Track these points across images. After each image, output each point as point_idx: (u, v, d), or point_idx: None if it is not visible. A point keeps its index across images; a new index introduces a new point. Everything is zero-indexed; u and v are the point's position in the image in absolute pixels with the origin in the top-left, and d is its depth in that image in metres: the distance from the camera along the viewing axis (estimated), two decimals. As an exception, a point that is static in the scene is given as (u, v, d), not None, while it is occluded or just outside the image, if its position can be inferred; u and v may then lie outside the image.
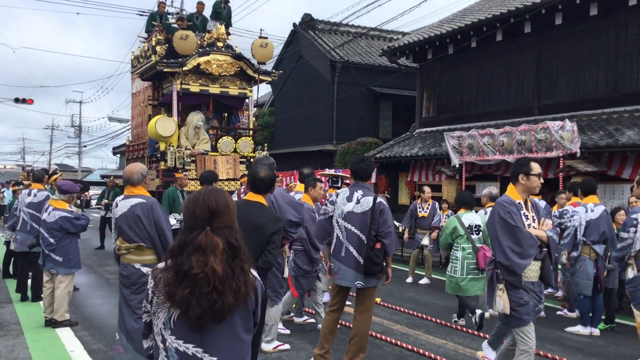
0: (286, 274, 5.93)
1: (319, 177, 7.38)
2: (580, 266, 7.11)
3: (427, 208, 11.20)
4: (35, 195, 8.15)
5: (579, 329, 7.22)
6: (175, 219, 9.70)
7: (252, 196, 4.60)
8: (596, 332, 7.16)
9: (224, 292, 1.97)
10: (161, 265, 2.11)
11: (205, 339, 2.04)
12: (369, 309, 5.33)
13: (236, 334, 2.07)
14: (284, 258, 5.81)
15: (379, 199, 5.27)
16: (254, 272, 2.14)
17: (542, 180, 4.57)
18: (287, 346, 6.06)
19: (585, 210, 7.13)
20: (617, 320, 7.64)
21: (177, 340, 2.05)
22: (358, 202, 5.24)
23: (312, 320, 7.10)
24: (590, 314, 7.21)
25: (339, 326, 5.66)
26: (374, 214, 5.16)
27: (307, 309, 7.39)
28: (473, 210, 7.36)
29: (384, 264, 5.26)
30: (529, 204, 4.52)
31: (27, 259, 8.22)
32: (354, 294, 5.66)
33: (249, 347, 2.14)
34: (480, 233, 7.08)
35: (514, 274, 4.29)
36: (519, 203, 4.42)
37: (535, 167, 4.48)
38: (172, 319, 2.05)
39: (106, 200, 14.54)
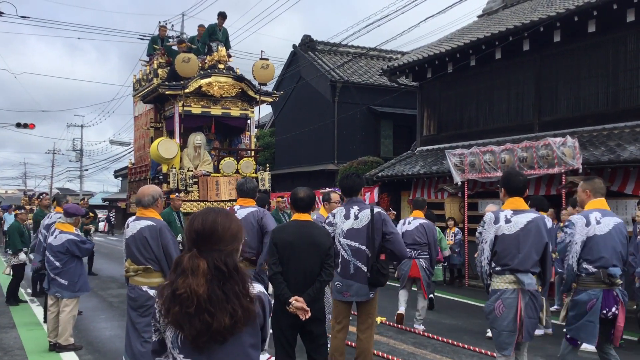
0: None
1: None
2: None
3: None
4: (51, 217, 8.22)
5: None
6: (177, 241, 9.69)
7: (299, 216, 4.75)
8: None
9: (215, 314, 1.96)
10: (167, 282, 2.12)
11: (212, 358, 2.04)
12: (371, 326, 5.36)
13: (244, 351, 2.06)
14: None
15: (377, 209, 5.30)
16: (257, 288, 2.12)
17: None
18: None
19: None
20: (625, 336, 7.57)
21: (185, 358, 2.05)
22: (356, 217, 5.26)
23: None
24: None
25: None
26: (374, 225, 5.18)
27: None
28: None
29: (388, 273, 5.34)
30: None
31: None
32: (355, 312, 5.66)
33: None
34: None
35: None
36: None
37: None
38: (179, 338, 2.05)
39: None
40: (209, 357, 2.04)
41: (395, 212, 15.46)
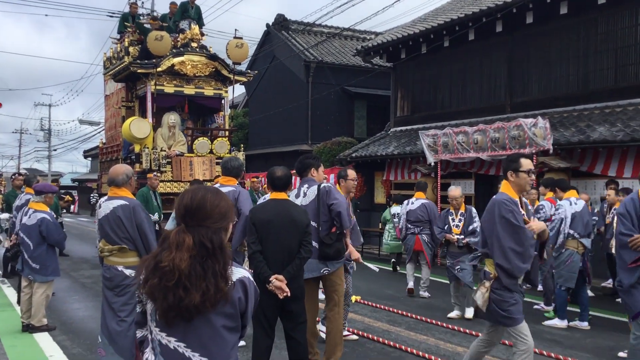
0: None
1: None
2: (567, 260, 7.20)
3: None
4: (21, 199, 8.12)
5: (556, 322, 7.35)
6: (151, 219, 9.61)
7: (276, 195, 4.77)
8: (585, 325, 7.24)
9: (190, 290, 1.97)
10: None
11: (187, 334, 2.05)
12: (338, 303, 5.31)
13: (218, 332, 2.06)
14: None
15: (323, 184, 5.31)
16: (242, 273, 2.12)
17: (533, 177, 4.33)
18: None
19: (569, 204, 7.29)
20: (592, 312, 7.79)
21: (161, 332, 2.07)
22: (305, 195, 5.29)
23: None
24: (580, 309, 7.37)
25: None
26: (320, 199, 5.19)
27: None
28: (399, 205, 10.91)
29: (340, 245, 5.27)
30: (522, 203, 4.34)
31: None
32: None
33: (234, 346, 2.12)
34: (397, 218, 10.89)
35: (513, 277, 4.12)
36: (516, 201, 4.20)
37: (526, 164, 4.25)
38: (156, 311, 2.06)
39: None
40: (183, 332, 2.05)
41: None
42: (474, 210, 8.02)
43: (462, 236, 7.77)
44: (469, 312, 7.55)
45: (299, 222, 4.54)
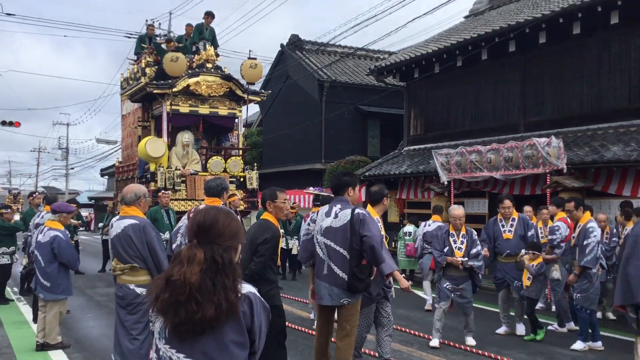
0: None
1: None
2: (595, 282, 7.14)
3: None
4: (43, 217, 8.19)
5: (580, 345, 7.15)
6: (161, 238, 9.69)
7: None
8: (599, 346, 7.17)
9: (202, 304, 2.02)
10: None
11: (195, 350, 2.08)
12: (349, 334, 5.04)
13: (227, 347, 2.10)
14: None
15: (358, 210, 5.00)
16: (248, 289, 2.17)
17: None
18: None
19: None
20: (610, 334, 7.71)
21: (171, 349, 2.10)
22: (336, 216, 5.00)
23: None
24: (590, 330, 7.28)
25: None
26: (353, 227, 4.90)
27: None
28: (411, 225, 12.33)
29: (370, 279, 5.03)
30: None
31: None
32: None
33: None
34: (410, 235, 12.07)
35: None
36: None
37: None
38: (166, 328, 2.10)
39: (102, 224, 14.57)
40: (191, 347, 2.08)
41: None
42: (474, 232, 7.46)
43: (466, 259, 7.14)
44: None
45: (253, 239, 4.57)
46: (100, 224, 14.57)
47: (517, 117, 13.62)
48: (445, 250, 7.30)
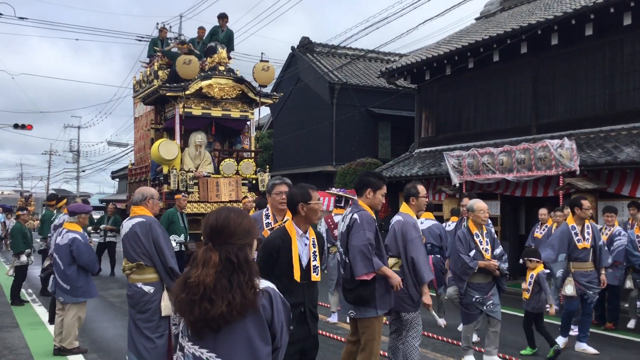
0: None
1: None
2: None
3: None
4: (60, 219, 8.26)
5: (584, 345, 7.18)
6: (175, 241, 9.75)
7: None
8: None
9: (215, 301, 2.10)
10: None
11: (218, 345, 2.17)
12: (365, 347, 4.69)
13: (250, 341, 2.17)
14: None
15: (355, 215, 4.65)
16: (267, 284, 2.26)
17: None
18: None
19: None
20: (622, 336, 7.68)
21: (194, 345, 2.19)
22: (343, 220, 4.83)
23: None
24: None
25: None
26: (348, 233, 4.64)
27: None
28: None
29: (369, 290, 4.55)
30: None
31: None
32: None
33: (267, 357, 2.21)
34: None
35: None
36: None
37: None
38: (187, 327, 2.20)
39: (104, 225, 14.61)
40: (215, 343, 2.17)
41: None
42: (492, 228, 6.76)
43: (497, 262, 6.19)
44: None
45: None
46: (102, 225, 14.63)
47: (530, 119, 13.59)
48: (472, 254, 6.14)
